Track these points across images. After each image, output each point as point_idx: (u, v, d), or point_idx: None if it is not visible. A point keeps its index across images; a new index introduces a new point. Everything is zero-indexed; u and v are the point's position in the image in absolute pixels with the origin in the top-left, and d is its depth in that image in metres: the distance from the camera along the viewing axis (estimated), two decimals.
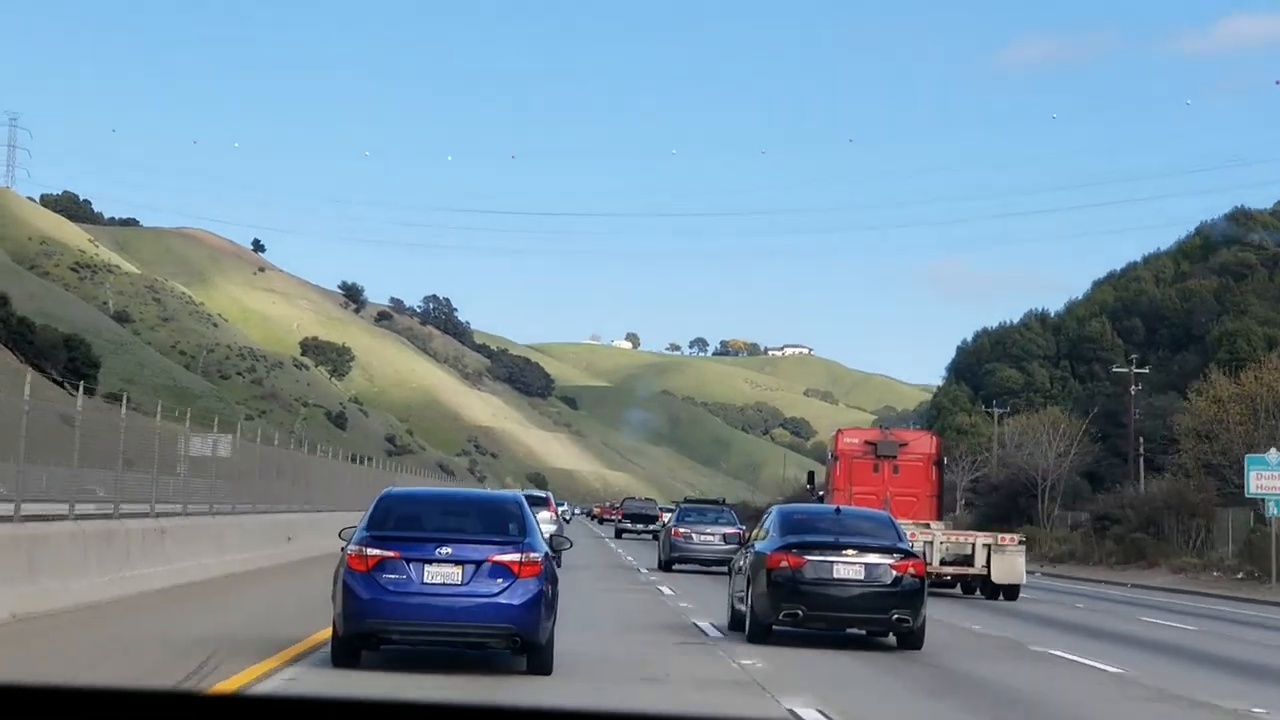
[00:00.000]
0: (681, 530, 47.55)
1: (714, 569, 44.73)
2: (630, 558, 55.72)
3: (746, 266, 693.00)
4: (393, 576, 16.64)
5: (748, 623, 22.71)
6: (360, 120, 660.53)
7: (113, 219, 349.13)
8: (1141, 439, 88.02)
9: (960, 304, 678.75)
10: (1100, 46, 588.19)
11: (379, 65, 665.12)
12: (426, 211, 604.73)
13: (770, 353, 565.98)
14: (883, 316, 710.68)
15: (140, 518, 26.91)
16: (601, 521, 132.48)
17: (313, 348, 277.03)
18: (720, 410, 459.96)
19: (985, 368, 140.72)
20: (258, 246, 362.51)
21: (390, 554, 16.72)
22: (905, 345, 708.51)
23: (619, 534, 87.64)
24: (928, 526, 40.45)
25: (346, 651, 17.01)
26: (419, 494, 20.19)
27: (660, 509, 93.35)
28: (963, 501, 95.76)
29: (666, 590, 36.21)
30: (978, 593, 39.76)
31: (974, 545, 39.18)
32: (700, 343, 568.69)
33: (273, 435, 51.20)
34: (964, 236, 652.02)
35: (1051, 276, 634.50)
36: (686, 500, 63.61)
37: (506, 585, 16.69)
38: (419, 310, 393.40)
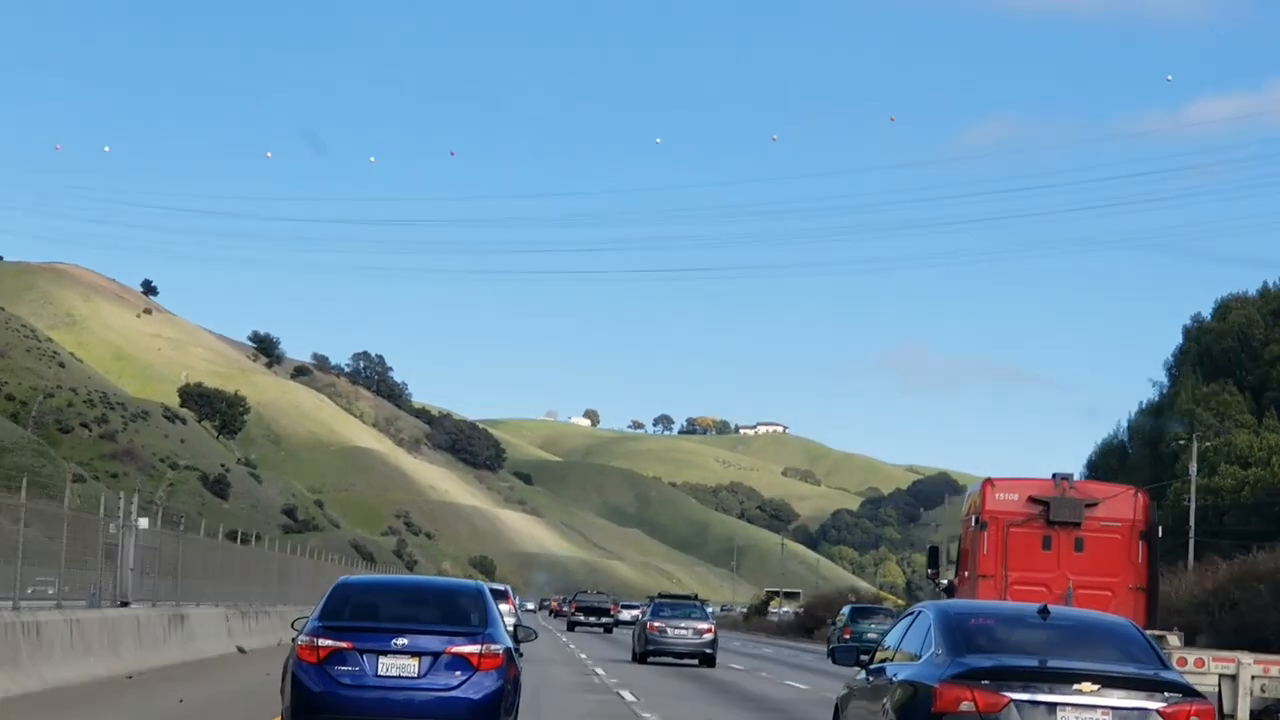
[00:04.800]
0: (656, 624, 49.51)
1: (686, 661, 49.24)
2: (599, 670, 43.94)
3: (712, 342, 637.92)
4: (345, 668, 16.41)
5: None
6: (257, 112, 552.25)
7: None
8: None
9: (924, 388, 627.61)
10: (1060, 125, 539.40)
11: (271, 42, 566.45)
12: (345, 226, 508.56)
13: (742, 431, 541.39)
14: (859, 395, 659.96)
15: None
16: (555, 615, 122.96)
17: (195, 397, 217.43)
18: (692, 491, 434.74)
19: (1270, 350, 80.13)
20: (149, 289, 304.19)
21: (343, 644, 16.50)
22: (886, 424, 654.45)
23: (571, 627, 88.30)
24: (1162, 637, 29.86)
25: None
26: (377, 582, 20.00)
27: (612, 602, 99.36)
28: None
29: None
30: None
31: None
32: (665, 420, 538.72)
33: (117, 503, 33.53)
34: (928, 319, 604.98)
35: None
36: (661, 595, 61.02)
37: (465, 678, 16.47)
38: (347, 369, 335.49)
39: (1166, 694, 13.87)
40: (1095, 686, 13.78)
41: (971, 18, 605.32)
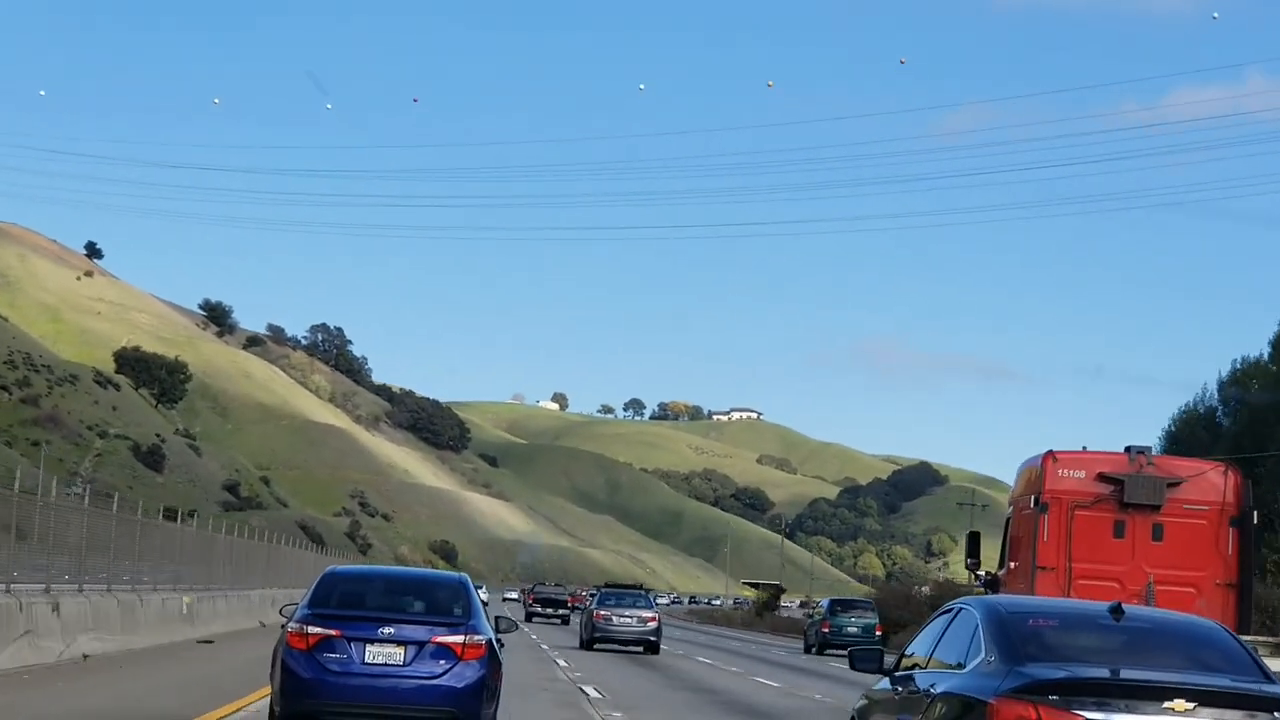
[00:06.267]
0: (603, 613, 51.65)
1: (631, 648, 51.13)
2: (561, 660, 42.94)
3: (684, 325, 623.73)
4: (334, 655, 16.71)
5: None
6: (199, 59, 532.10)
7: None
8: None
9: (902, 378, 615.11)
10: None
11: None
12: (305, 180, 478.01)
13: (715, 417, 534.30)
14: (835, 382, 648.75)
15: None
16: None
17: (132, 362, 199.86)
18: (664, 477, 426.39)
19: None
20: (93, 251, 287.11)
21: (332, 632, 16.78)
22: (863, 413, 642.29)
23: (529, 617, 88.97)
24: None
25: None
26: (364, 572, 20.39)
27: (570, 593, 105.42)
28: None
29: None
30: None
31: None
32: (636, 404, 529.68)
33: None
34: (905, 308, 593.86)
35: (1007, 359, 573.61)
36: (607, 585, 63.88)
37: (449, 667, 16.80)
38: (304, 341, 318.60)
39: (1275, 713, 11.31)
40: (1190, 704, 11.17)
41: None
